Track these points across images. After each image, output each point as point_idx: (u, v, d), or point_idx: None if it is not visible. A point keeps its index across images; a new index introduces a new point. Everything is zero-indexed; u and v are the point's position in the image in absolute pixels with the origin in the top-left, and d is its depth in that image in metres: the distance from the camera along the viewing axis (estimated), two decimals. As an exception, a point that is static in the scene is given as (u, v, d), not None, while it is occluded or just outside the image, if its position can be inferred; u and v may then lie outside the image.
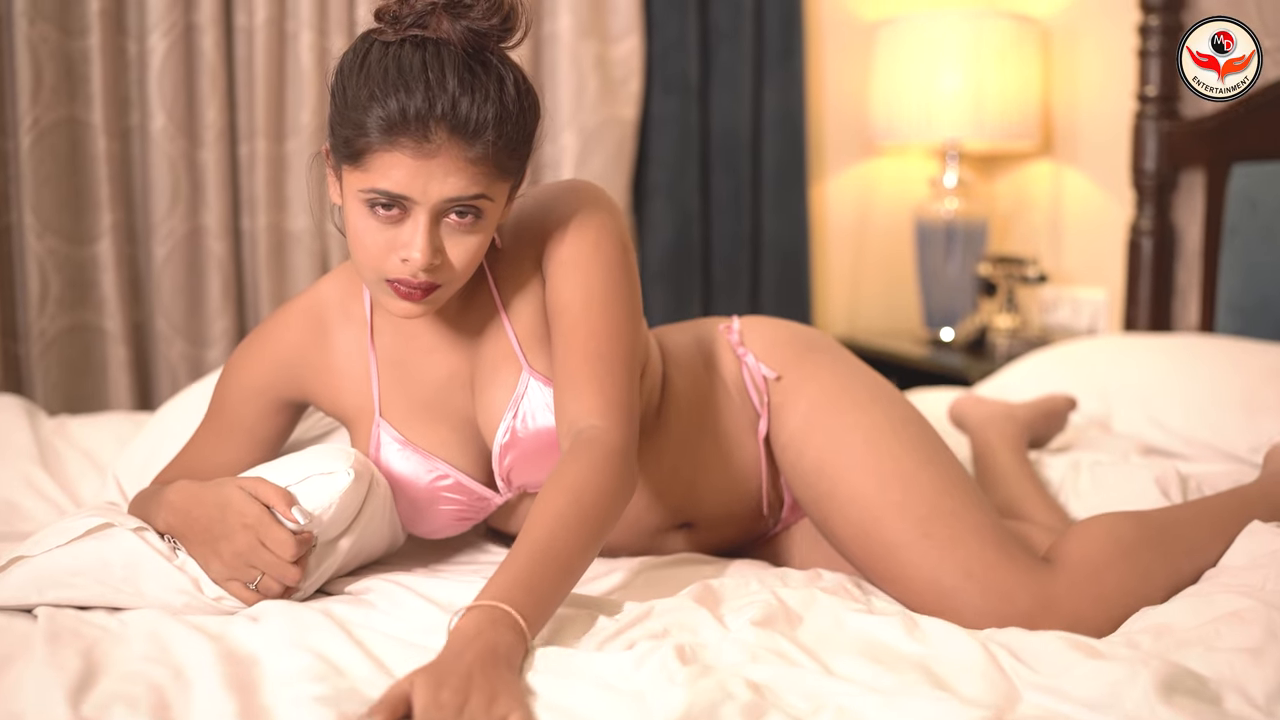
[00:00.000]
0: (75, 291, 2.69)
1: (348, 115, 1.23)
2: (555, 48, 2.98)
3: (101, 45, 2.63)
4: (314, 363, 1.46)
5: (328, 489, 1.31)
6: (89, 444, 1.89)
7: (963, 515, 1.39)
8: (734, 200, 3.16)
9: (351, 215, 1.27)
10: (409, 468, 1.42)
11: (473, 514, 1.45)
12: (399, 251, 1.25)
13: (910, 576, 1.38)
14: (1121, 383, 2.24)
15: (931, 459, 1.45)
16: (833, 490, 1.44)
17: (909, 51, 3.08)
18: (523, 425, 1.39)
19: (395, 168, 1.21)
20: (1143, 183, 2.77)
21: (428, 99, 1.19)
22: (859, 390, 1.51)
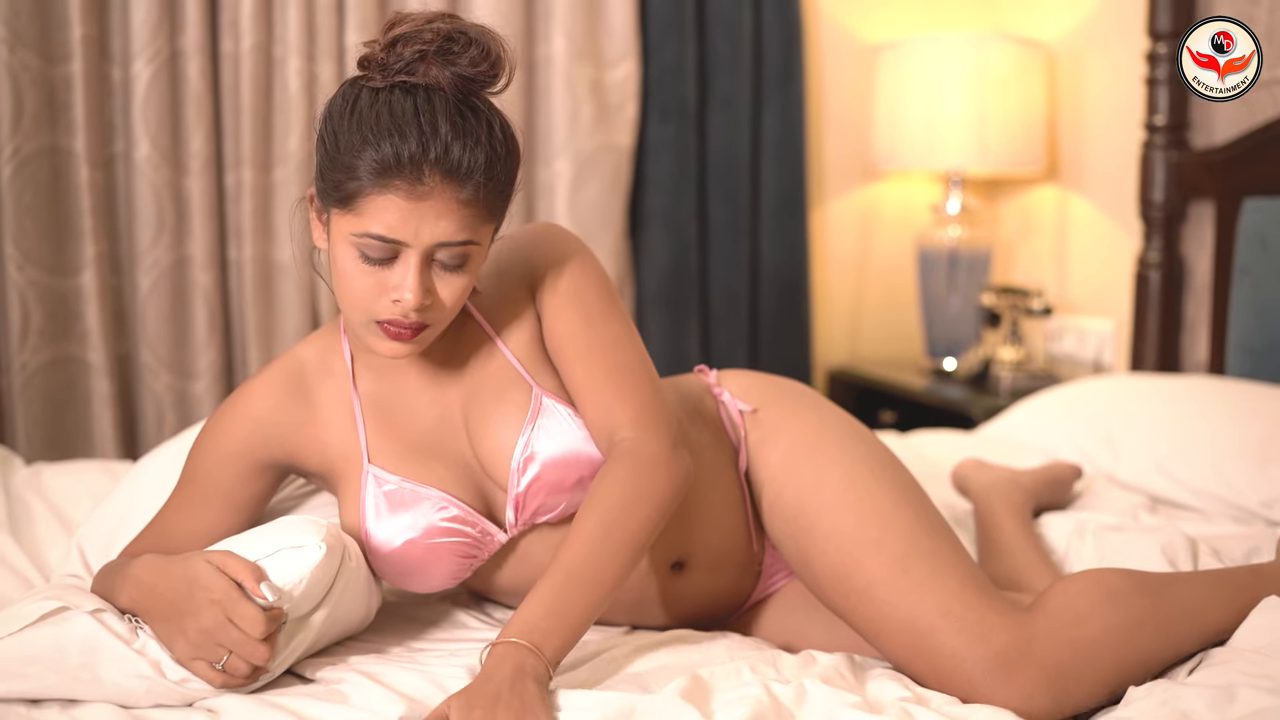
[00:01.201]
0: (57, 324, 2.63)
1: (339, 160, 1.24)
2: (549, 72, 2.92)
3: (84, 72, 2.57)
4: (295, 419, 1.42)
5: (299, 563, 1.26)
6: (61, 497, 1.83)
7: (941, 554, 1.38)
8: (732, 227, 3.10)
9: (340, 259, 1.27)
10: (406, 506, 1.36)
11: (476, 552, 1.39)
12: (390, 293, 1.26)
13: (886, 616, 1.36)
14: (1128, 428, 2.18)
15: (910, 500, 1.44)
16: (811, 527, 1.43)
17: (912, 76, 3.01)
18: (541, 441, 1.37)
19: (387, 211, 1.22)
20: (1151, 214, 2.70)
21: (421, 143, 1.21)
22: (839, 431, 1.51)
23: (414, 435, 1.41)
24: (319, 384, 1.44)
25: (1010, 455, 2.26)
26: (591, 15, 2.91)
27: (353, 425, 1.41)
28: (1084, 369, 3.03)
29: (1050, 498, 1.96)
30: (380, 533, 1.37)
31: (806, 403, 1.56)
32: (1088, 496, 2.02)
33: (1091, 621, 1.33)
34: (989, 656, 1.29)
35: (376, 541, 1.37)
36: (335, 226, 1.27)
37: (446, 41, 1.25)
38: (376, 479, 1.38)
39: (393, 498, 1.37)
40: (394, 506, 1.37)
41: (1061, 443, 2.25)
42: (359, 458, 1.40)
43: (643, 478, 1.32)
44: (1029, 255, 3.28)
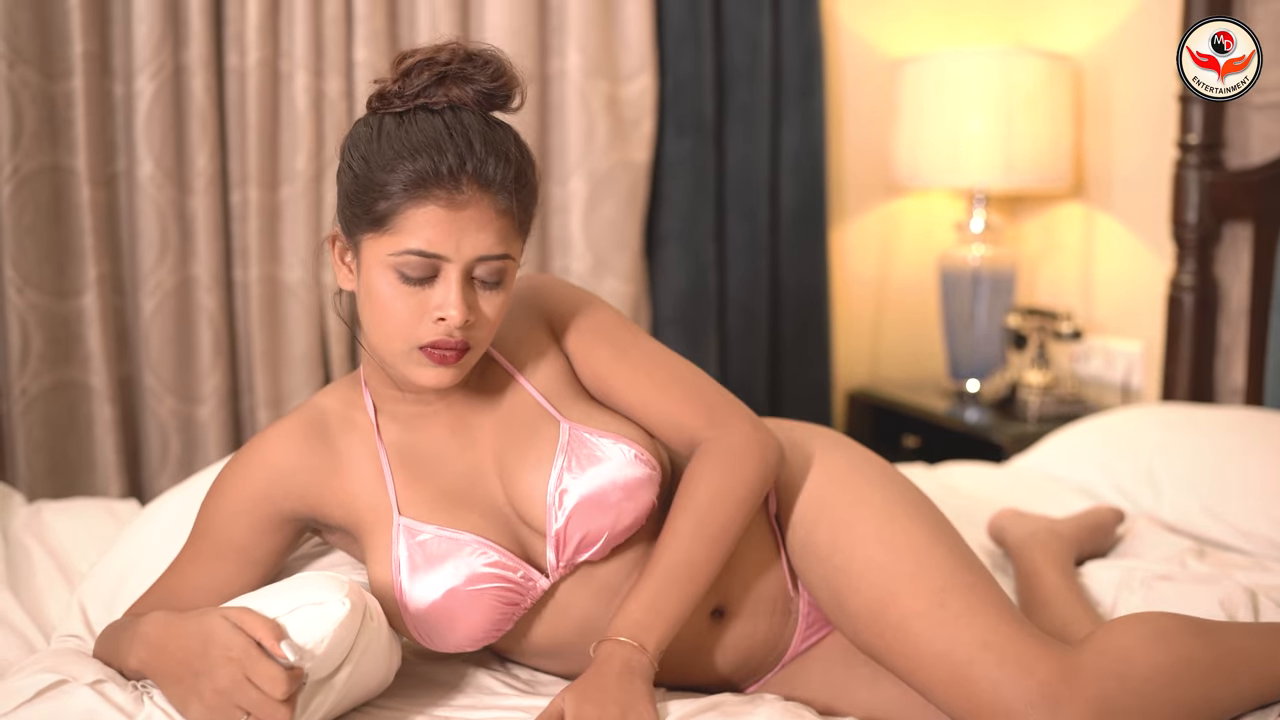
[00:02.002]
0: (58, 347, 2.55)
1: (370, 181, 1.24)
2: (563, 87, 2.84)
3: (85, 88, 2.49)
4: (317, 468, 1.35)
5: (321, 621, 1.19)
6: (62, 541, 1.75)
7: (978, 589, 1.34)
8: (751, 245, 3.02)
9: (376, 286, 1.26)
10: (445, 555, 1.30)
11: (519, 598, 1.32)
12: (433, 312, 1.25)
13: (923, 650, 1.31)
14: (1169, 464, 2.10)
15: (944, 537, 1.41)
16: (845, 565, 1.38)
17: (935, 90, 2.93)
18: (574, 472, 1.33)
19: (427, 226, 1.22)
20: (1184, 235, 2.62)
21: (457, 155, 1.22)
22: (868, 471, 1.48)
23: (445, 485, 1.35)
24: (342, 434, 1.38)
25: (1044, 490, 2.19)
26: (606, 27, 2.83)
27: (379, 477, 1.35)
28: (1111, 392, 2.95)
29: (1093, 545, 1.88)
30: (418, 586, 1.30)
31: (833, 444, 1.54)
32: (1130, 540, 1.94)
33: (1139, 657, 1.28)
34: (1032, 688, 1.23)
35: (413, 596, 1.30)
36: (369, 253, 1.26)
37: (462, 62, 1.27)
38: (408, 531, 1.31)
39: (428, 548, 1.30)
40: (431, 558, 1.30)
41: (1098, 478, 2.17)
42: (388, 510, 1.33)
43: (728, 467, 1.37)
44: (1053, 273, 3.20)
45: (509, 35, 2.73)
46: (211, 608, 1.21)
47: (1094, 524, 1.89)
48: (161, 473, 2.65)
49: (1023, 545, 1.79)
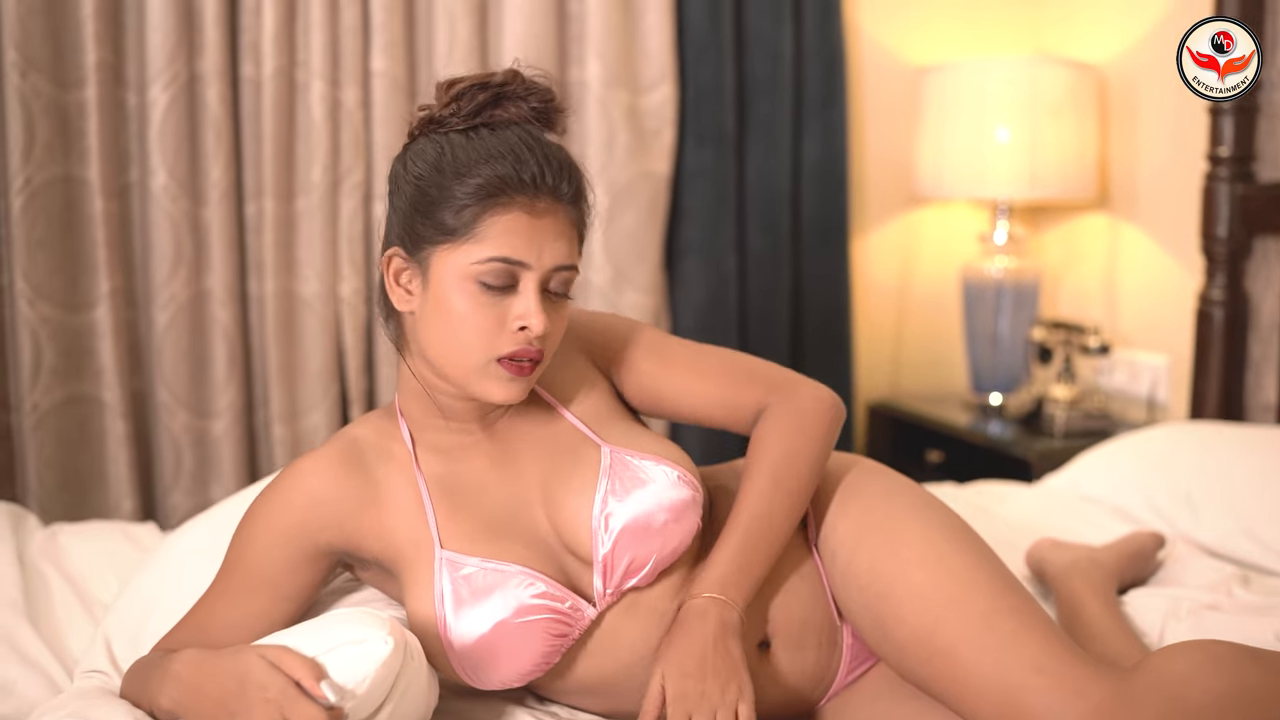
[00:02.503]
0: (70, 361, 2.51)
1: (445, 190, 1.24)
2: (583, 97, 2.79)
3: (99, 98, 2.45)
4: (354, 498, 1.31)
5: (362, 660, 1.14)
6: (80, 567, 1.71)
7: (1025, 612, 1.30)
8: (772, 257, 2.97)
9: (453, 298, 1.25)
10: (491, 588, 1.26)
11: (567, 629, 1.29)
12: (514, 322, 1.25)
13: (971, 674, 1.27)
14: (1207, 485, 2.06)
15: (986, 560, 1.38)
16: (888, 590, 1.35)
17: (958, 100, 2.89)
18: (618, 494, 1.31)
19: (510, 233, 1.23)
20: (1214, 249, 2.58)
21: (538, 163, 1.24)
22: (908, 497, 1.46)
23: (487, 516, 1.32)
24: (379, 464, 1.34)
25: (1080, 512, 2.15)
26: (627, 37, 2.79)
27: (419, 509, 1.31)
28: (1136, 405, 2.91)
29: (1134, 573, 1.84)
30: (463, 621, 1.26)
31: (869, 471, 1.51)
32: (1170, 565, 1.90)
33: (1196, 683, 1.23)
34: (1086, 712, 1.20)
35: (459, 631, 1.26)
36: (442, 266, 1.25)
37: (514, 83, 1.29)
38: (451, 564, 1.27)
39: (473, 581, 1.26)
40: (477, 591, 1.26)
41: (1134, 499, 2.13)
42: (429, 543, 1.29)
43: (797, 424, 1.39)
44: (1076, 284, 3.16)
45: (528, 44, 2.69)
46: (247, 646, 1.18)
47: (1135, 551, 1.85)
48: (174, 489, 2.60)
49: (1064, 576, 1.74)
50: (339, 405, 2.68)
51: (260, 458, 2.68)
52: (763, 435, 1.40)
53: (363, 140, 2.64)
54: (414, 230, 1.27)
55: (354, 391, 2.67)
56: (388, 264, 1.30)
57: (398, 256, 1.29)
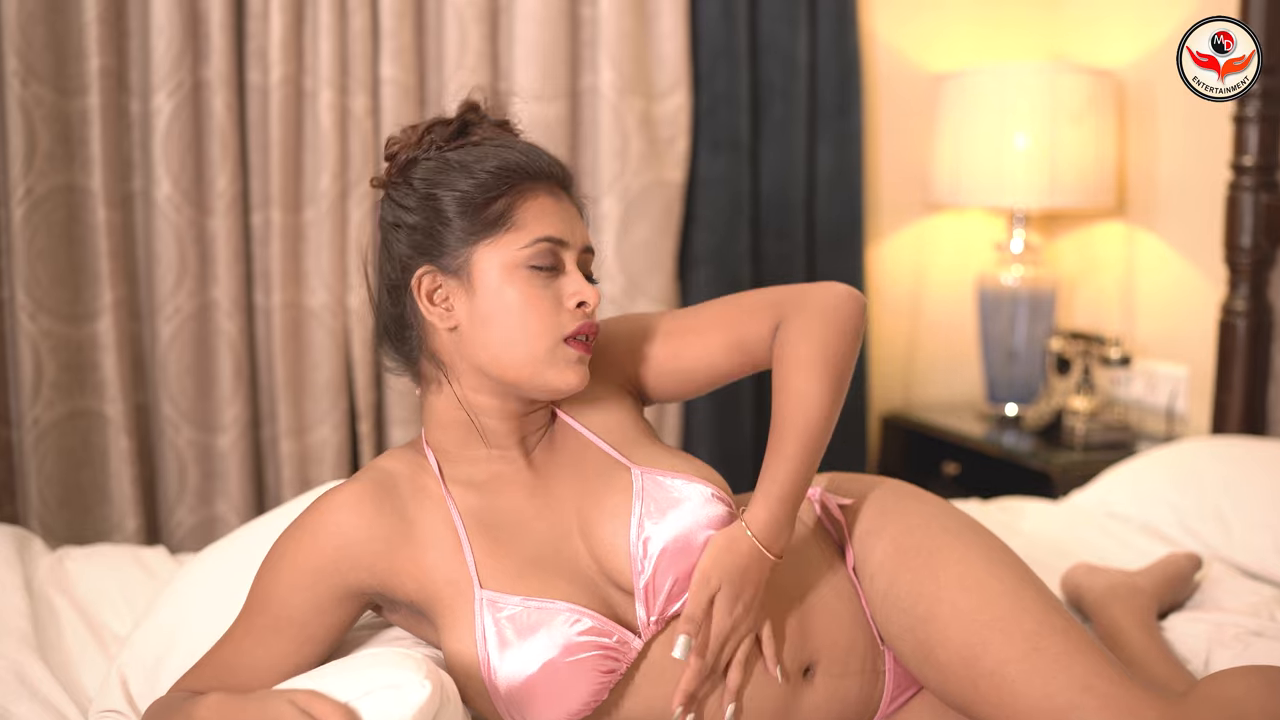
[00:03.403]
0: (72, 375, 2.45)
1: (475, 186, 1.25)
2: (596, 104, 2.74)
3: (102, 106, 2.39)
4: (389, 537, 1.26)
5: (399, 705, 1.09)
6: (89, 595, 1.65)
7: (1072, 633, 1.28)
8: (786, 265, 2.93)
9: (507, 291, 1.25)
10: (536, 627, 1.21)
11: (615, 664, 1.24)
12: (570, 300, 1.26)
13: (1020, 696, 1.24)
14: (1239, 502, 2.02)
15: (1029, 581, 1.35)
16: (931, 612, 1.32)
17: (976, 108, 2.84)
18: (653, 518, 1.28)
19: (545, 214, 1.27)
20: (1238, 259, 2.54)
21: (543, 156, 1.30)
22: (946, 518, 1.43)
23: (528, 551, 1.27)
24: (413, 499, 1.29)
25: (1110, 530, 2.11)
26: (640, 43, 2.74)
27: (456, 547, 1.26)
28: (1154, 416, 2.87)
29: (1172, 597, 1.79)
30: (509, 662, 1.21)
31: (905, 492, 1.49)
32: (1208, 587, 1.85)
33: (1252, 706, 1.20)
34: None
35: (505, 673, 1.21)
36: (489, 261, 1.25)
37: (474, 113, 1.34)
38: (493, 604, 1.22)
39: (518, 621, 1.22)
40: (522, 630, 1.21)
41: (1165, 517, 2.09)
42: (469, 583, 1.24)
43: (819, 321, 1.34)
44: (1092, 293, 3.12)
45: (540, 51, 2.64)
46: (277, 690, 1.13)
47: (1173, 574, 1.80)
48: (179, 506, 2.55)
49: (1102, 604, 1.70)
50: (348, 419, 2.63)
51: (267, 473, 2.63)
52: (785, 342, 1.35)
53: (372, 149, 2.58)
54: (441, 241, 1.26)
55: (363, 405, 2.62)
56: (418, 286, 1.27)
57: (428, 274, 1.27)
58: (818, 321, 1.35)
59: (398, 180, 1.31)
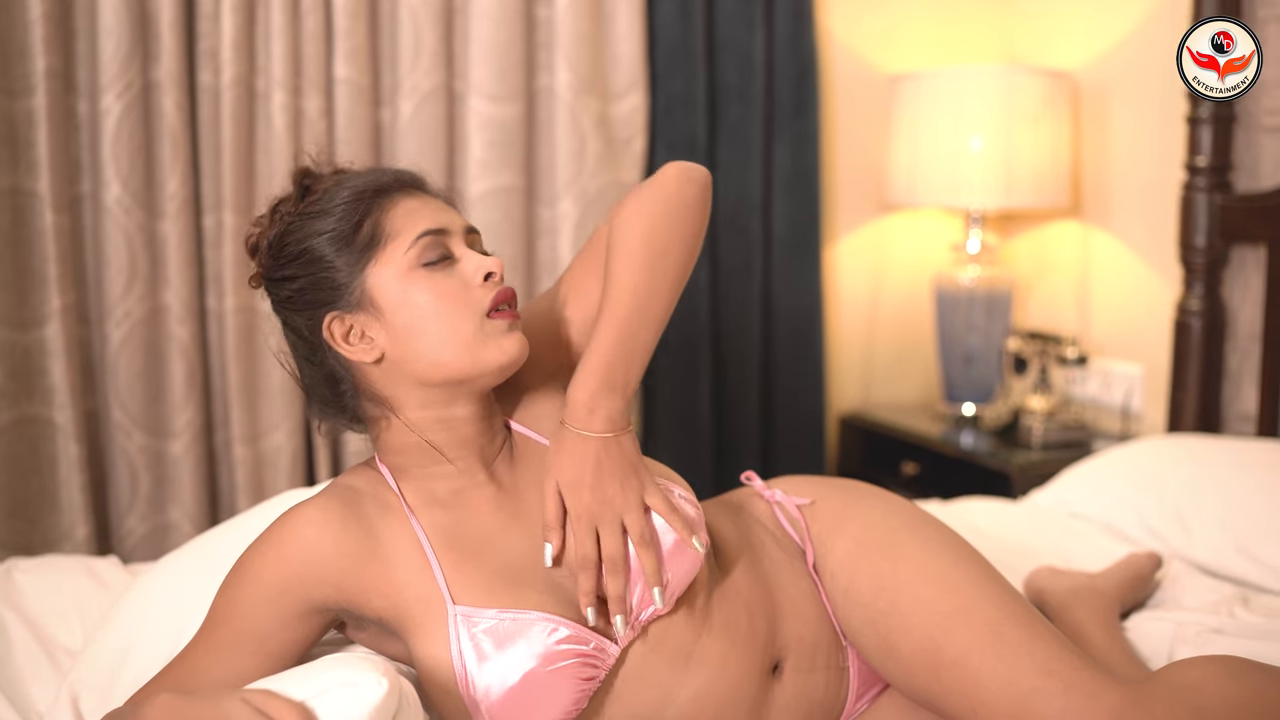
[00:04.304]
0: (19, 381, 2.40)
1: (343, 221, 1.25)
2: (552, 105, 2.72)
3: (48, 106, 2.34)
4: (357, 553, 1.24)
5: (354, 704, 1.06)
6: (39, 609, 1.61)
7: (1034, 622, 1.30)
8: (744, 266, 2.92)
9: (411, 292, 1.24)
10: (514, 638, 1.20)
11: (594, 671, 1.23)
12: (475, 276, 1.26)
13: (983, 684, 1.25)
14: (1198, 501, 2.03)
15: (990, 573, 1.37)
16: (893, 605, 1.34)
17: (931, 109, 2.85)
18: None
19: (414, 212, 1.27)
20: (1192, 259, 2.56)
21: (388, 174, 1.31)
22: (905, 515, 1.45)
23: (498, 564, 1.26)
24: (378, 517, 1.27)
25: (1071, 530, 2.12)
26: (597, 44, 2.72)
27: (424, 564, 1.24)
28: (1109, 415, 2.89)
29: (1134, 597, 1.81)
30: (489, 675, 1.19)
31: (863, 491, 1.52)
32: (1168, 586, 1.87)
33: (1211, 689, 1.22)
34: (1101, 714, 1.19)
35: (486, 686, 1.19)
36: (382, 276, 1.24)
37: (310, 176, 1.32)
38: (468, 619, 1.20)
39: (495, 634, 1.20)
40: (500, 643, 1.20)
41: (1125, 517, 2.10)
42: (440, 599, 1.22)
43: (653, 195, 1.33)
44: (1048, 292, 3.13)
45: (495, 51, 2.62)
46: (229, 690, 1.09)
47: (1134, 574, 1.82)
48: (130, 513, 2.50)
49: (1065, 605, 1.71)
50: (302, 425, 2.59)
51: (220, 480, 2.59)
52: (610, 231, 1.33)
53: (326, 150, 2.55)
54: (332, 284, 1.25)
55: (318, 410, 2.58)
56: (331, 335, 1.25)
57: (335, 320, 1.25)
58: (652, 196, 1.34)
59: (270, 262, 1.28)
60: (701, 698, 1.28)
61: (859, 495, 1.49)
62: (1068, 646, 1.27)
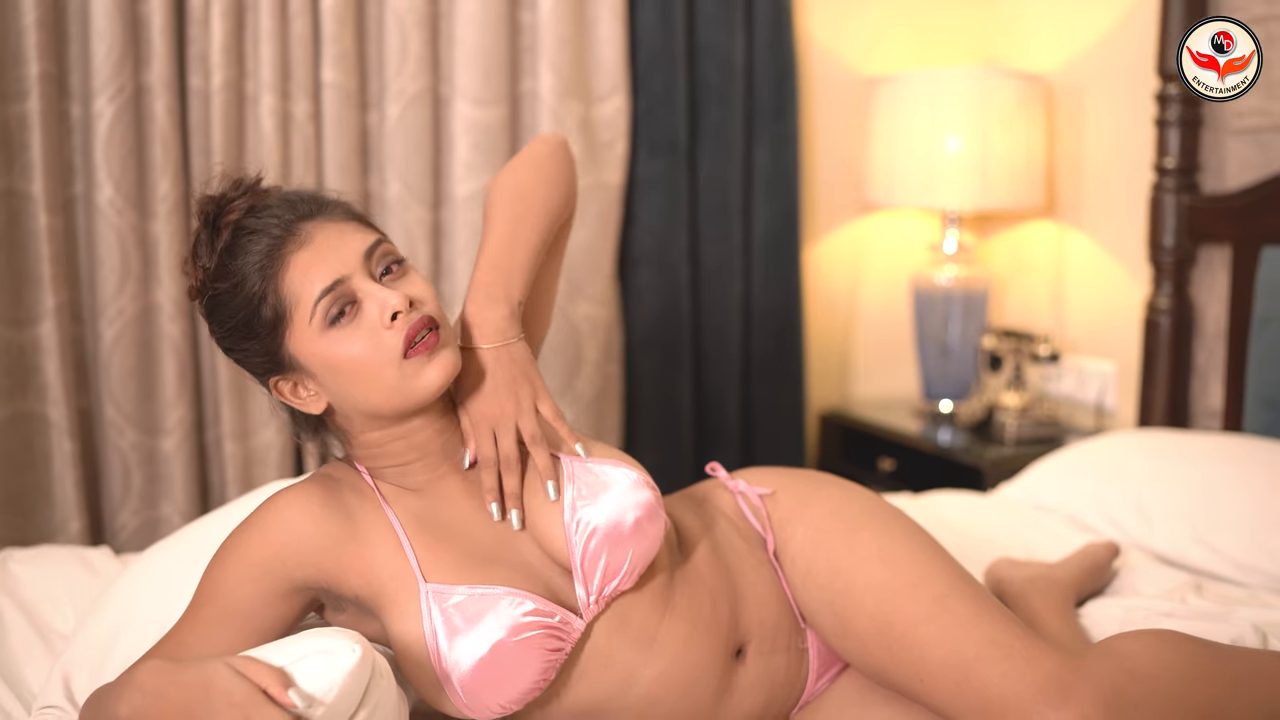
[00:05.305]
0: (14, 379, 2.45)
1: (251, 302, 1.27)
2: (536, 108, 2.78)
3: (42, 110, 2.39)
4: (336, 534, 1.30)
5: (330, 668, 1.13)
6: (33, 596, 1.67)
7: (981, 597, 1.37)
8: (724, 266, 2.98)
9: (330, 353, 1.27)
10: (483, 612, 1.26)
11: (560, 642, 1.29)
12: (383, 320, 1.26)
13: (930, 656, 1.32)
14: (1160, 494, 2.09)
15: (941, 554, 1.45)
16: (849, 586, 1.41)
17: (909, 111, 2.91)
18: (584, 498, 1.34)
19: (304, 274, 1.26)
20: (1161, 259, 2.62)
21: (275, 221, 1.27)
22: (863, 502, 1.52)
23: (468, 546, 1.32)
24: (356, 502, 1.34)
25: (1035, 522, 2.18)
26: (579, 48, 2.78)
27: (397, 546, 1.30)
28: (1084, 411, 2.95)
29: (1091, 585, 1.87)
30: (458, 648, 1.25)
31: (823, 480, 1.58)
32: (1126, 574, 1.93)
33: (1147, 657, 1.30)
34: (1040, 679, 1.25)
35: (455, 659, 1.25)
36: (301, 344, 1.27)
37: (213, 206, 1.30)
38: (439, 595, 1.27)
39: (465, 609, 1.26)
40: (469, 617, 1.26)
41: (1089, 509, 2.16)
42: (412, 578, 1.28)
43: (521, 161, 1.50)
44: (1023, 291, 3.20)
45: (479, 56, 2.67)
46: (213, 656, 1.16)
47: (1090, 564, 1.88)
48: (123, 508, 2.56)
49: (1022, 593, 1.78)
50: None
51: (211, 476, 2.65)
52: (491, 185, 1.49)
53: (314, 153, 2.61)
54: (263, 355, 1.30)
55: (306, 406, 2.63)
56: (279, 392, 1.32)
57: (278, 382, 1.32)
58: (506, 169, 1.50)
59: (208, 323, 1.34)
60: (665, 678, 1.34)
61: (818, 484, 1.56)
62: (1013, 620, 1.34)
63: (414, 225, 2.70)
